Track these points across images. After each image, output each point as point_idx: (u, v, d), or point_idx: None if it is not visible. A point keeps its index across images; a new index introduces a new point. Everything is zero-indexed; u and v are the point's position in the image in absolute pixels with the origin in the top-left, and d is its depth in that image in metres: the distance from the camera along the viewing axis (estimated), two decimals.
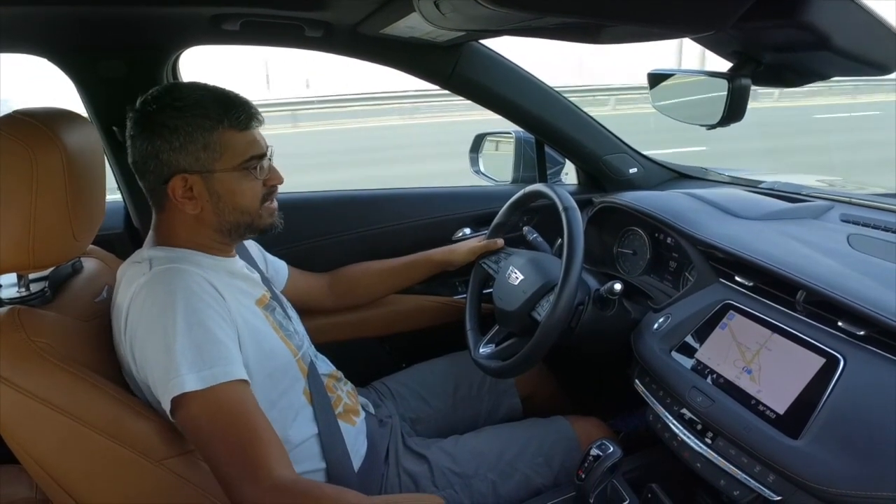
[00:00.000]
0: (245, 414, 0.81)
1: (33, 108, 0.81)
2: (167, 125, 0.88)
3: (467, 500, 1.12)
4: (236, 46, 1.37)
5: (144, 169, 0.91)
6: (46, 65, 1.27)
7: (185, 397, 0.79)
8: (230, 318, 0.89)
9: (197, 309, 0.84)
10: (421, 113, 11.68)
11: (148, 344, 0.82)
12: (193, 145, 0.88)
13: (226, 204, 0.93)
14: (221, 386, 0.80)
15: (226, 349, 0.84)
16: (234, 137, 0.91)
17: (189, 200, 0.91)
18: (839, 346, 0.87)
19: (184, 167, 0.89)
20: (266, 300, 1.02)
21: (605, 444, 1.06)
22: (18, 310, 0.81)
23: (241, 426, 0.80)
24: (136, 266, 0.90)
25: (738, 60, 0.95)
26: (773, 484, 0.84)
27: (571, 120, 1.57)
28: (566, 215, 1.13)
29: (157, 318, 0.82)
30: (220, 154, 0.90)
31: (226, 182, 0.92)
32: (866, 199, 1.26)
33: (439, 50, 1.38)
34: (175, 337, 0.80)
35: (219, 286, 0.89)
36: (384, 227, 1.60)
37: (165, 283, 0.85)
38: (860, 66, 0.82)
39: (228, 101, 0.91)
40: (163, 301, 0.83)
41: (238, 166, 0.92)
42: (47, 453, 0.79)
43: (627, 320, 1.21)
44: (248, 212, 0.95)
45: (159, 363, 0.80)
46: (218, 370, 0.81)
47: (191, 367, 0.79)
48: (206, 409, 0.79)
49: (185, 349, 0.80)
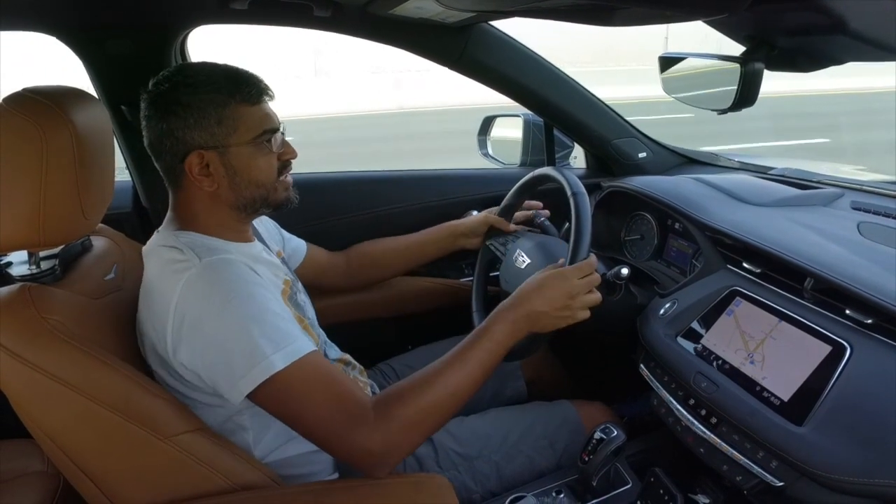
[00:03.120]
0: (329, 374, 0.87)
1: (43, 87, 0.81)
2: (180, 102, 0.88)
3: (471, 481, 1.13)
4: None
5: (160, 149, 0.91)
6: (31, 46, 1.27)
7: (275, 377, 0.81)
8: (280, 296, 0.93)
9: (259, 294, 0.86)
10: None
11: (217, 334, 0.83)
12: (207, 121, 0.89)
13: (242, 178, 0.93)
14: (305, 358, 0.84)
15: (294, 325, 0.88)
16: (246, 112, 0.91)
17: (206, 178, 0.91)
18: (846, 334, 0.86)
19: (199, 143, 0.89)
20: (288, 288, 1.03)
21: (608, 428, 1.07)
22: (29, 287, 0.82)
23: (330, 385, 0.85)
24: (174, 252, 0.89)
25: (752, 44, 0.94)
26: (776, 470, 0.84)
27: (581, 103, 1.55)
28: (574, 199, 1.12)
29: (223, 309, 0.83)
30: (234, 129, 0.90)
31: (242, 156, 0.92)
32: (878, 187, 1.24)
33: (449, 31, 1.37)
34: (250, 324, 0.82)
35: (259, 273, 0.91)
36: (393, 209, 1.60)
37: (222, 274, 0.86)
38: (876, 50, 0.81)
39: (239, 77, 0.92)
40: (226, 292, 0.84)
41: (252, 140, 0.92)
42: (59, 429, 0.80)
43: (634, 305, 1.21)
44: (265, 185, 0.95)
45: (236, 351, 0.82)
46: (298, 344, 0.84)
47: (275, 347, 0.82)
48: (296, 382, 0.83)
49: (264, 333, 0.82)
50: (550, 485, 1.12)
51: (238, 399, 0.83)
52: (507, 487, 1.13)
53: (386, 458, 0.85)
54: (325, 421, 0.83)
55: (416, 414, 0.85)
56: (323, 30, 1.39)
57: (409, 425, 0.85)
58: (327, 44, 11.69)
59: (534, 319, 0.97)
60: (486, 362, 0.92)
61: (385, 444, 0.83)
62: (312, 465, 0.99)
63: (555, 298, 0.97)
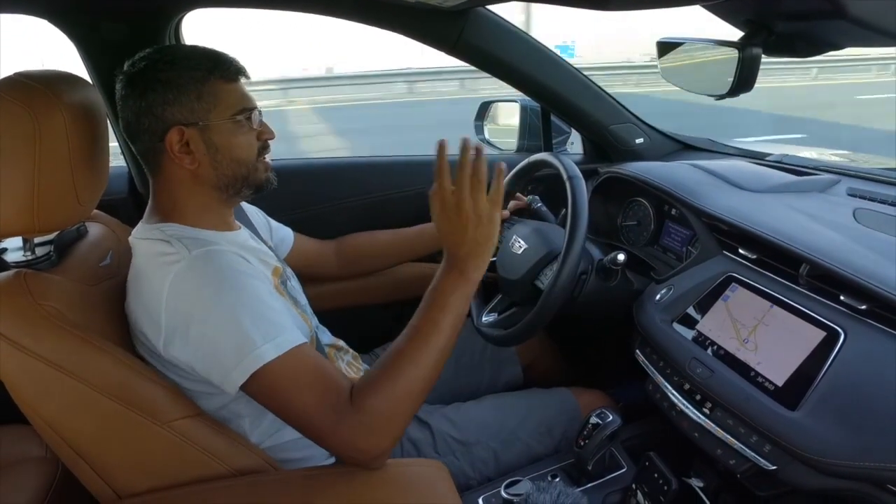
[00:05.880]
0: (319, 367, 0.86)
1: (35, 71, 0.80)
2: (159, 79, 0.87)
3: (468, 467, 1.14)
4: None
5: (138, 128, 0.90)
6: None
7: (265, 368, 0.81)
8: (271, 287, 0.92)
9: (250, 285, 0.85)
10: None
11: (208, 326, 0.82)
12: (187, 97, 0.88)
13: (223, 156, 0.92)
14: (295, 349, 0.83)
15: (285, 315, 0.87)
16: (224, 88, 0.90)
17: (186, 155, 0.90)
18: (840, 320, 0.87)
19: (179, 119, 0.88)
20: (278, 275, 1.02)
21: (604, 413, 1.08)
22: (25, 273, 0.82)
23: (319, 378, 0.84)
24: (162, 245, 0.88)
25: (750, 29, 0.93)
26: (769, 454, 0.85)
27: (578, 88, 1.55)
28: (570, 184, 1.12)
29: (213, 300, 0.82)
30: (213, 105, 0.89)
31: (222, 133, 0.91)
32: (874, 174, 1.24)
33: (445, 15, 1.35)
34: (241, 314, 0.81)
35: (249, 261, 0.91)
36: (387, 194, 1.59)
37: (212, 266, 0.85)
38: (877, 36, 0.80)
39: (217, 55, 0.91)
40: (217, 284, 0.83)
41: (231, 117, 0.91)
42: (56, 415, 0.80)
43: (630, 291, 1.21)
44: (245, 164, 0.94)
45: (227, 342, 0.81)
46: (288, 335, 0.83)
47: (265, 337, 0.81)
48: (286, 373, 0.82)
49: (254, 323, 0.81)
50: (546, 469, 1.13)
51: (233, 390, 0.83)
52: (504, 473, 1.14)
53: (374, 452, 0.85)
54: (312, 415, 0.83)
55: (390, 403, 0.84)
56: (318, 14, 1.37)
57: (387, 416, 0.83)
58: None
59: (469, 257, 0.89)
60: (449, 325, 0.88)
61: (368, 438, 0.83)
62: (309, 449, 1.00)
63: (455, 225, 0.88)
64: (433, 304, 0.89)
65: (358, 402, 0.83)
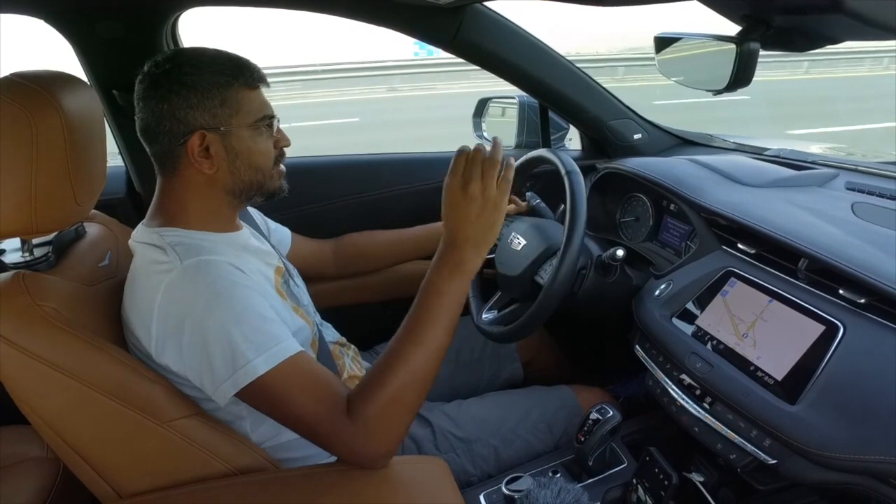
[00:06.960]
0: (314, 376, 0.85)
1: (31, 71, 0.80)
2: (184, 82, 0.87)
3: (469, 464, 1.14)
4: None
5: (158, 130, 0.89)
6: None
7: (258, 381, 0.80)
8: (265, 295, 0.90)
9: (242, 296, 0.84)
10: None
11: (199, 339, 0.81)
12: (211, 101, 0.88)
13: (242, 162, 0.92)
14: (288, 360, 0.83)
15: (278, 325, 0.86)
16: (247, 95, 0.91)
17: (205, 160, 0.90)
18: (839, 314, 0.87)
19: (202, 124, 0.88)
20: (280, 275, 1.02)
21: (604, 408, 1.08)
22: (23, 274, 0.82)
23: (315, 388, 0.84)
24: (157, 252, 0.88)
25: (748, 24, 0.93)
26: (769, 448, 0.85)
27: (576, 84, 1.54)
28: (569, 179, 1.12)
29: (204, 313, 0.81)
30: (236, 111, 0.89)
31: (243, 139, 0.91)
32: (872, 168, 1.24)
33: (442, 12, 1.35)
34: (232, 327, 0.81)
35: (244, 269, 0.89)
36: (386, 192, 1.59)
37: (204, 277, 0.84)
38: (875, 30, 0.80)
39: (240, 61, 0.91)
40: (208, 296, 0.82)
41: (253, 123, 0.91)
42: (56, 415, 0.80)
43: (629, 286, 1.21)
44: (262, 171, 0.95)
45: (218, 356, 0.80)
46: (282, 346, 0.83)
47: (257, 350, 0.80)
48: (280, 385, 0.82)
49: (245, 336, 0.81)
50: (547, 465, 1.13)
51: (223, 401, 0.83)
52: (504, 470, 1.14)
53: (375, 456, 0.85)
54: (309, 423, 0.83)
55: (387, 408, 0.83)
56: (315, 11, 1.37)
57: (385, 421, 0.83)
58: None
59: (469, 243, 0.89)
60: (444, 321, 0.87)
61: (367, 444, 0.83)
62: (310, 448, 0.99)
63: (461, 206, 0.89)
64: (426, 300, 0.89)
65: (354, 409, 0.82)
